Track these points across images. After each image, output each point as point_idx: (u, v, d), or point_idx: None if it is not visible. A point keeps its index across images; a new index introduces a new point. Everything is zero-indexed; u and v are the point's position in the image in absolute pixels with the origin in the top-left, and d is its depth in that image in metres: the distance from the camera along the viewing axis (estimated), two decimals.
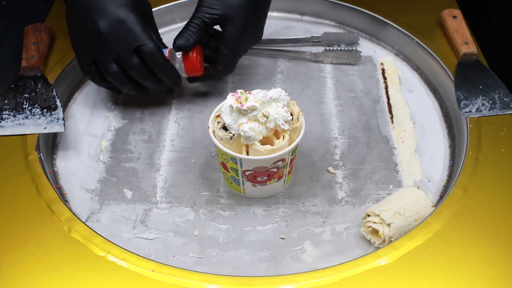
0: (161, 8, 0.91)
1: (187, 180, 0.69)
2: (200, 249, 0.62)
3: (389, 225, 0.59)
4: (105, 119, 0.78)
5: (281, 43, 0.90)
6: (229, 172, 0.63)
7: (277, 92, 0.59)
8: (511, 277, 0.54)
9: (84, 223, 0.60)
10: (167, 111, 0.79)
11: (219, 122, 0.61)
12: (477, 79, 0.76)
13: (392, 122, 0.77)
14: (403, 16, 0.89)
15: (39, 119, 0.71)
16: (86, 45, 0.69)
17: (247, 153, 0.59)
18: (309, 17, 0.96)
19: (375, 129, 0.76)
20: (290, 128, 0.59)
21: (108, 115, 0.78)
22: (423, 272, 0.55)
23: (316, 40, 0.90)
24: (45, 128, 0.70)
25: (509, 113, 0.72)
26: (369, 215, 0.61)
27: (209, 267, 0.60)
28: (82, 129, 0.76)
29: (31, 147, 0.68)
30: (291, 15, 0.96)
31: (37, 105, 0.72)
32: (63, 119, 0.71)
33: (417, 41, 0.85)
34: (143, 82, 0.72)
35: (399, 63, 0.87)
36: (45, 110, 0.72)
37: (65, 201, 0.65)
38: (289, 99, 0.60)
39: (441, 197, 0.67)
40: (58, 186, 0.69)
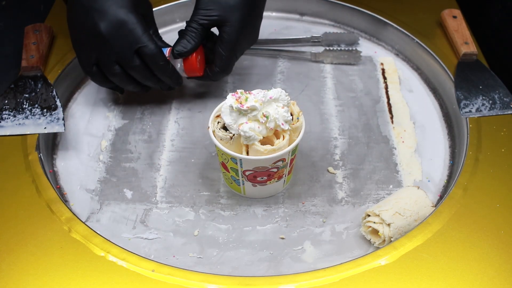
0: (161, 8, 0.91)
1: (187, 180, 0.69)
2: (200, 249, 0.62)
3: (389, 225, 0.59)
4: (105, 119, 0.78)
5: (281, 43, 0.90)
6: (229, 172, 0.63)
7: (277, 92, 0.59)
8: (511, 277, 0.54)
9: (84, 223, 0.60)
10: (167, 111, 0.79)
11: (219, 122, 0.61)
12: (477, 79, 0.76)
13: (392, 122, 0.77)
14: (403, 16, 0.89)
15: (39, 119, 0.71)
16: (87, 46, 0.69)
17: (247, 153, 0.59)
18: (309, 17, 0.96)
19: (375, 129, 0.76)
20: (290, 128, 0.59)
21: (108, 115, 0.78)
22: (423, 272, 0.55)
23: (316, 40, 0.90)
24: (45, 128, 0.70)
25: (509, 113, 0.72)
26: (369, 215, 0.61)
27: (209, 267, 0.60)
28: (82, 129, 0.76)
29: (31, 147, 0.68)
30: (291, 15, 0.96)
31: (37, 105, 0.72)
32: (63, 119, 0.71)
33: (417, 41, 0.85)
34: (144, 82, 0.72)
35: (399, 63, 0.87)
36: (45, 110, 0.72)
37: (65, 201, 0.65)
38: (289, 99, 0.60)
39: (441, 197, 0.67)
40: (58, 186, 0.69)
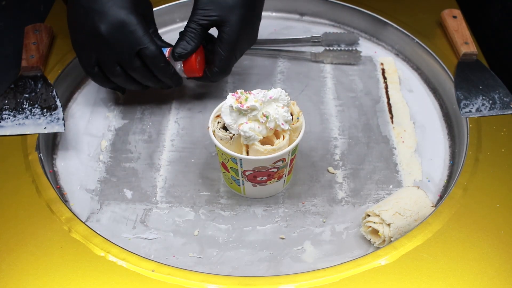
0: (161, 8, 0.91)
1: (187, 180, 0.69)
2: (200, 249, 0.62)
3: (389, 225, 0.59)
4: (105, 119, 0.78)
5: (281, 43, 0.89)
6: (229, 172, 0.63)
7: (277, 92, 0.59)
8: (511, 277, 0.54)
9: (84, 223, 0.60)
10: (167, 111, 0.79)
11: (219, 122, 0.61)
12: (477, 79, 0.76)
13: (392, 122, 0.77)
14: (403, 16, 0.89)
15: (39, 119, 0.71)
16: (88, 47, 0.69)
17: (247, 153, 0.59)
18: (309, 17, 0.96)
19: (375, 129, 0.76)
20: (290, 128, 0.59)
21: (108, 115, 0.78)
22: (423, 272, 0.55)
23: (316, 40, 0.90)
24: (45, 128, 0.70)
25: (509, 113, 0.72)
26: (369, 215, 0.61)
27: (209, 267, 0.60)
28: (82, 129, 0.76)
29: (31, 147, 0.68)
30: (291, 15, 0.96)
31: (37, 105, 0.72)
32: (63, 119, 0.71)
33: (417, 41, 0.85)
34: (145, 82, 0.72)
35: (399, 63, 0.87)
36: (45, 110, 0.72)
37: (65, 201, 0.65)
38: (289, 99, 0.60)
39: (441, 197, 0.67)
40: (58, 186, 0.69)
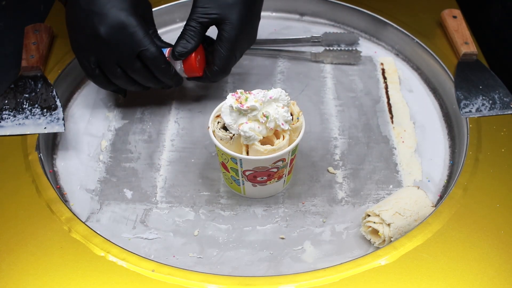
0: (161, 8, 0.91)
1: (187, 180, 0.69)
2: (200, 249, 0.62)
3: (389, 225, 0.59)
4: (105, 119, 0.78)
5: (281, 43, 0.89)
6: (229, 172, 0.63)
7: (277, 92, 0.59)
8: (511, 277, 0.54)
9: (84, 223, 0.60)
10: (167, 111, 0.79)
11: (219, 122, 0.61)
12: (477, 79, 0.76)
13: (392, 122, 0.77)
14: (403, 16, 0.89)
15: (39, 119, 0.71)
16: (88, 49, 0.69)
17: (247, 153, 0.59)
18: (309, 17, 0.96)
19: (375, 129, 0.76)
20: (290, 128, 0.59)
21: (108, 115, 0.78)
22: (423, 272, 0.55)
23: (316, 40, 0.90)
24: (45, 128, 0.70)
25: (509, 113, 0.72)
26: (369, 215, 0.61)
27: (209, 267, 0.60)
28: (82, 129, 0.76)
29: (31, 147, 0.68)
30: (291, 15, 0.96)
31: (37, 105, 0.72)
32: (63, 119, 0.71)
33: (417, 41, 0.85)
34: (146, 83, 0.72)
35: (399, 63, 0.87)
36: (45, 110, 0.72)
37: (65, 201, 0.65)
38: (289, 99, 0.60)
39: (441, 197, 0.67)
40: (58, 186, 0.69)
